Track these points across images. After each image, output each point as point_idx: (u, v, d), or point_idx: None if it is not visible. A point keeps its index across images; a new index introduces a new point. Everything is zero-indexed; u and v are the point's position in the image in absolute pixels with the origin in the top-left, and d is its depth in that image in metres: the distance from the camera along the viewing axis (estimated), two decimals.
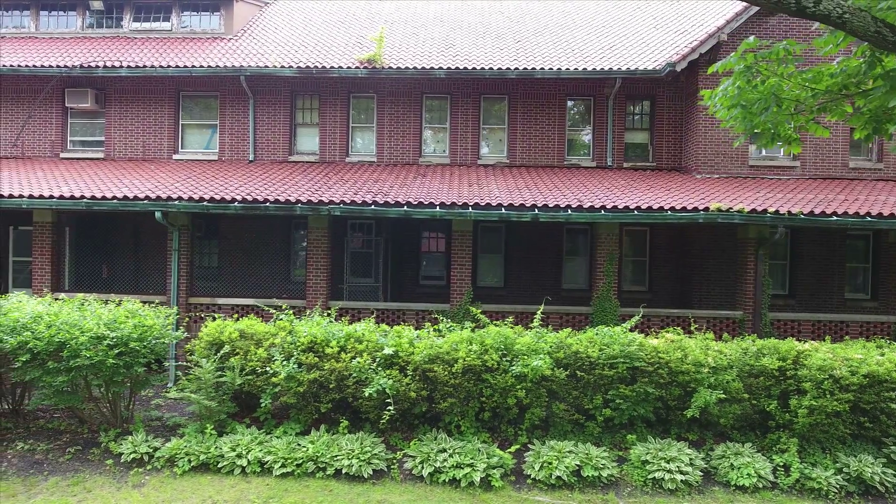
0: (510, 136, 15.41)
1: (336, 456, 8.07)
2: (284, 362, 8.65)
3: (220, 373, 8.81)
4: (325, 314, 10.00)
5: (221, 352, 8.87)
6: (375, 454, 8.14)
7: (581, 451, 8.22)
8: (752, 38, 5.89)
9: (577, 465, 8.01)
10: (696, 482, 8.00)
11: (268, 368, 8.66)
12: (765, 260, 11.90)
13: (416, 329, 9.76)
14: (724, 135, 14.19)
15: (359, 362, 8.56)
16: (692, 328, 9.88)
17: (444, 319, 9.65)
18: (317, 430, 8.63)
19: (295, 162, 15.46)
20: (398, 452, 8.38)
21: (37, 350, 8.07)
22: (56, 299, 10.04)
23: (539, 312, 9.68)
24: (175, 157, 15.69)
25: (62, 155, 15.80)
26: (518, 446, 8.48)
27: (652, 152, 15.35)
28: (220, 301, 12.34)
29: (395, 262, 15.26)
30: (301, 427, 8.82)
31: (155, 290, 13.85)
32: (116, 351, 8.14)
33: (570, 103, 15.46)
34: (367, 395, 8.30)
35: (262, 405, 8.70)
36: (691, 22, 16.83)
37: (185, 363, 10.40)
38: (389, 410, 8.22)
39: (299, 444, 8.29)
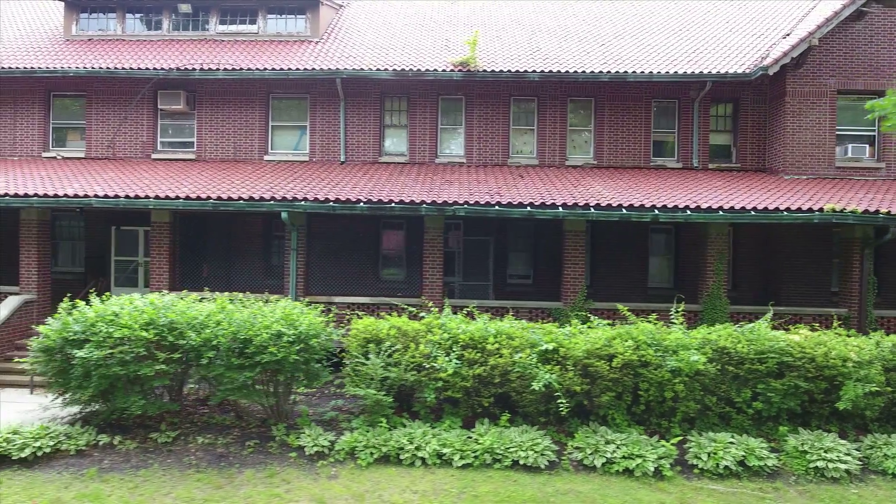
0: (597, 137, 15.74)
1: (509, 448, 8.38)
2: (446, 358, 8.96)
3: (382, 368, 9.10)
4: (465, 313, 10.29)
5: (383, 347, 9.17)
6: (546, 446, 8.47)
7: (741, 442, 8.59)
8: None
9: (742, 456, 8.37)
10: (856, 471, 8.38)
11: (433, 364, 8.97)
12: (870, 259, 12.29)
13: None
14: (812, 136, 14.58)
15: (521, 358, 8.89)
16: (835, 324, 10.24)
17: (595, 319, 9.95)
18: (482, 423, 8.95)
19: (385, 163, 15.74)
20: (568, 444, 8.71)
21: (221, 347, 8.37)
22: (202, 298, 10.28)
23: (680, 310, 10.01)
24: (266, 157, 15.95)
25: (153, 156, 16.03)
26: (677, 438, 8.82)
27: (735, 154, 15.72)
28: (337, 300, 12.63)
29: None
30: (461, 421, 9.13)
31: (248, 288, 14.03)
32: (297, 347, 8.44)
33: (655, 105, 15.80)
34: (534, 388, 8.63)
35: (428, 399, 9.00)
36: (765, 25, 17.19)
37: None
38: (562, 403, 8.54)
39: (470, 437, 8.61)
